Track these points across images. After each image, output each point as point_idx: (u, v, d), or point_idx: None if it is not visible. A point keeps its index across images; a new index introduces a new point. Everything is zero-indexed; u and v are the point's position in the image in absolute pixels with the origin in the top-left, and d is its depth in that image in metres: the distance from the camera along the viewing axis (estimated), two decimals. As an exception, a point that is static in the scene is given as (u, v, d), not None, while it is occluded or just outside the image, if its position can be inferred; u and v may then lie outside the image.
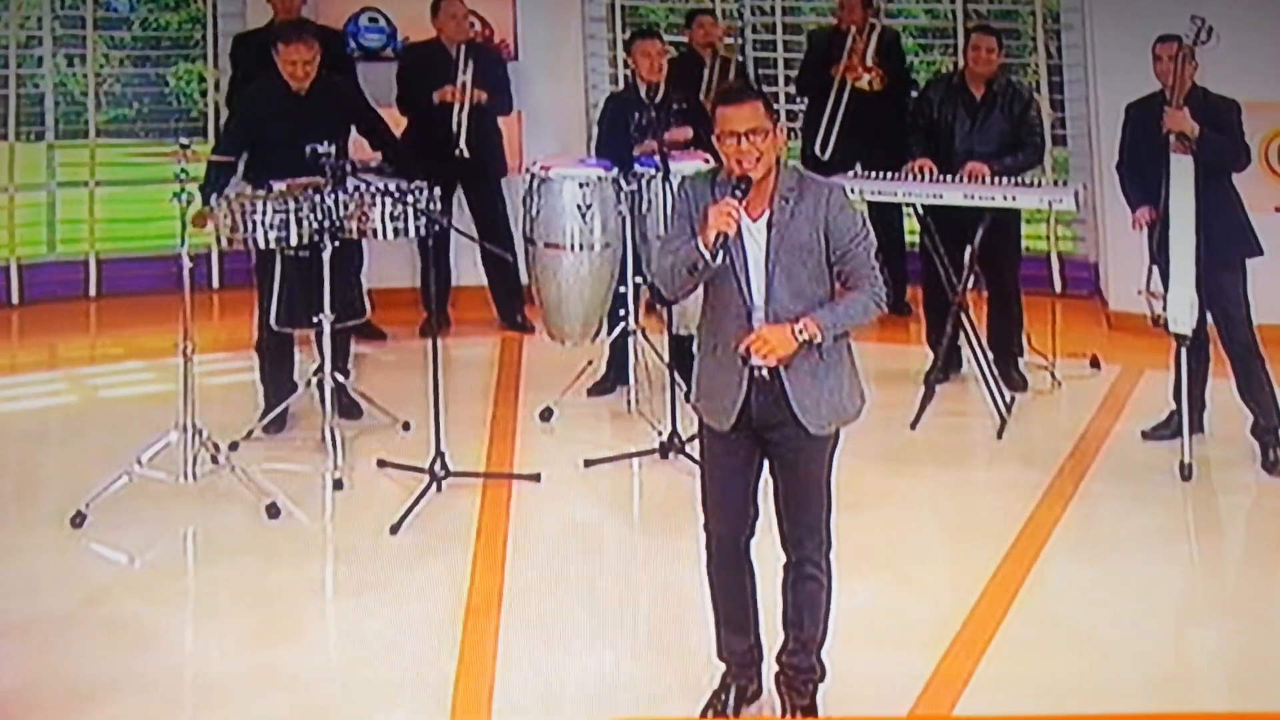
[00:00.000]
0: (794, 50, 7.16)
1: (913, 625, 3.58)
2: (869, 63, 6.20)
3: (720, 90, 3.16)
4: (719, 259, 2.86)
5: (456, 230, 4.72)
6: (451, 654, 3.43)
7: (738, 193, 2.86)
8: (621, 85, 6.44)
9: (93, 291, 6.97)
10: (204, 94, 7.10)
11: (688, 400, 3.24)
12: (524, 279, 5.91)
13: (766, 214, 2.94)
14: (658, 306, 4.91)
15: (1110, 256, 6.51)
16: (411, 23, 6.28)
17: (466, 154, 5.89)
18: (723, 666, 3.18)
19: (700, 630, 3.28)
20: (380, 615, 3.68)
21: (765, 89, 5.78)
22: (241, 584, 3.88)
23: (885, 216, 6.59)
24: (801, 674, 3.10)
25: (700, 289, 2.99)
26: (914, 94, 6.05)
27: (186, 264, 4.27)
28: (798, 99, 6.63)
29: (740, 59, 6.51)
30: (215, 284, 7.04)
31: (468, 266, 6.36)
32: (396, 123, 5.73)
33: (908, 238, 6.66)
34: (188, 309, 4.29)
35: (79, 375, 6.01)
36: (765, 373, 2.93)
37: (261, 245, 4.50)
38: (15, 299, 6.79)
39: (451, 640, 3.50)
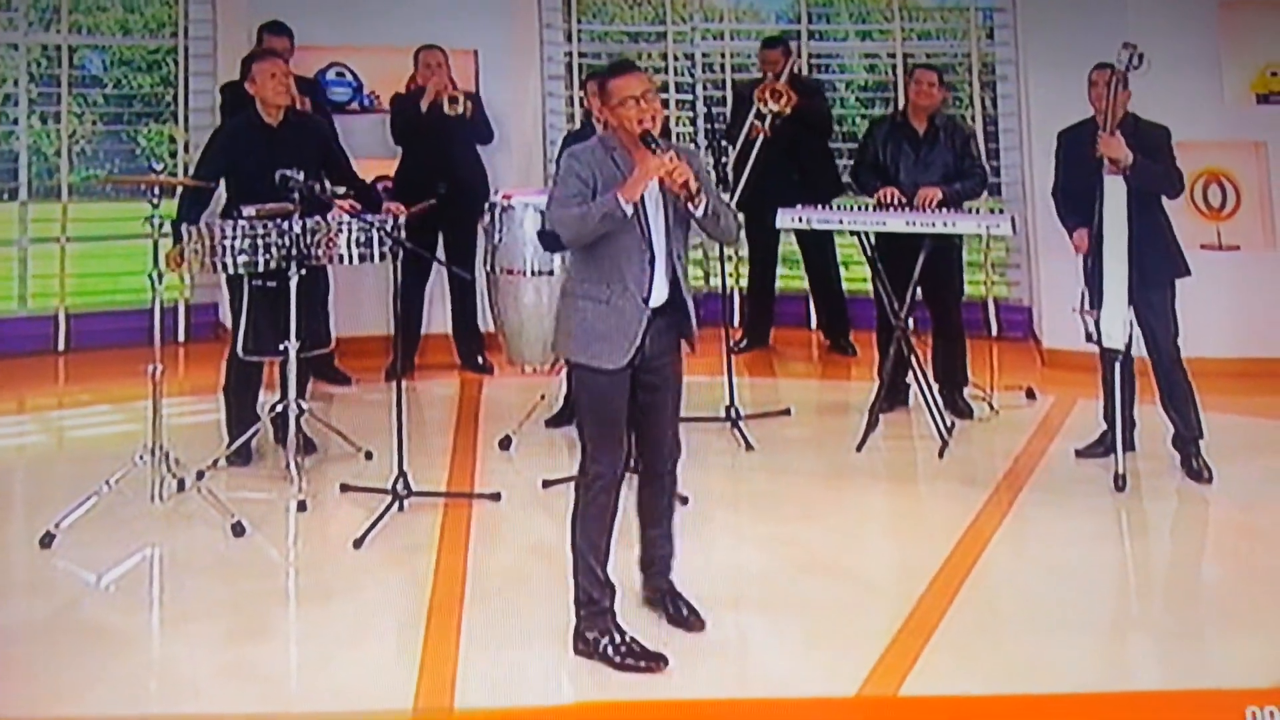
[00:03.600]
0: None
1: (862, 616, 3.67)
2: (779, 90, 6.48)
3: (608, 67, 3.51)
4: (630, 210, 3.24)
5: (417, 252, 4.81)
6: (415, 650, 3.47)
7: (657, 145, 3.23)
8: (578, 125, 6.68)
9: (61, 345, 7.00)
10: (173, 155, 7.22)
11: None
12: (484, 319, 6.11)
13: None
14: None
15: (1045, 299, 6.74)
16: (377, 77, 6.50)
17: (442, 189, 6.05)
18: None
19: (650, 625, 3.46)
20: (344, 618, 3.71)
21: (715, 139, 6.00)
22: (207, 593, 3.90)
23: (820, 260, 6.88)
24: (667, 561, 3.60)
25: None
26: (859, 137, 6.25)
27: (159, 284, 4.34)
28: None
29: (692, 114, 6.77)
30: (181, 337, 7.10)
31: (432, 315, 6.51)
32: (364, 172, 5.90)
33: (846, 285, 6.94)
34: (157, 329, 4.36)
35: (47, 418, 6.03)
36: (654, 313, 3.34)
37: (230, 271, 4.58)
38: (-15, 354, 6.81)
39: (415, 638, 3.54)
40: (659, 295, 3.35)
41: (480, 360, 6.43)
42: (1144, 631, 3.70)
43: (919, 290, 5.38)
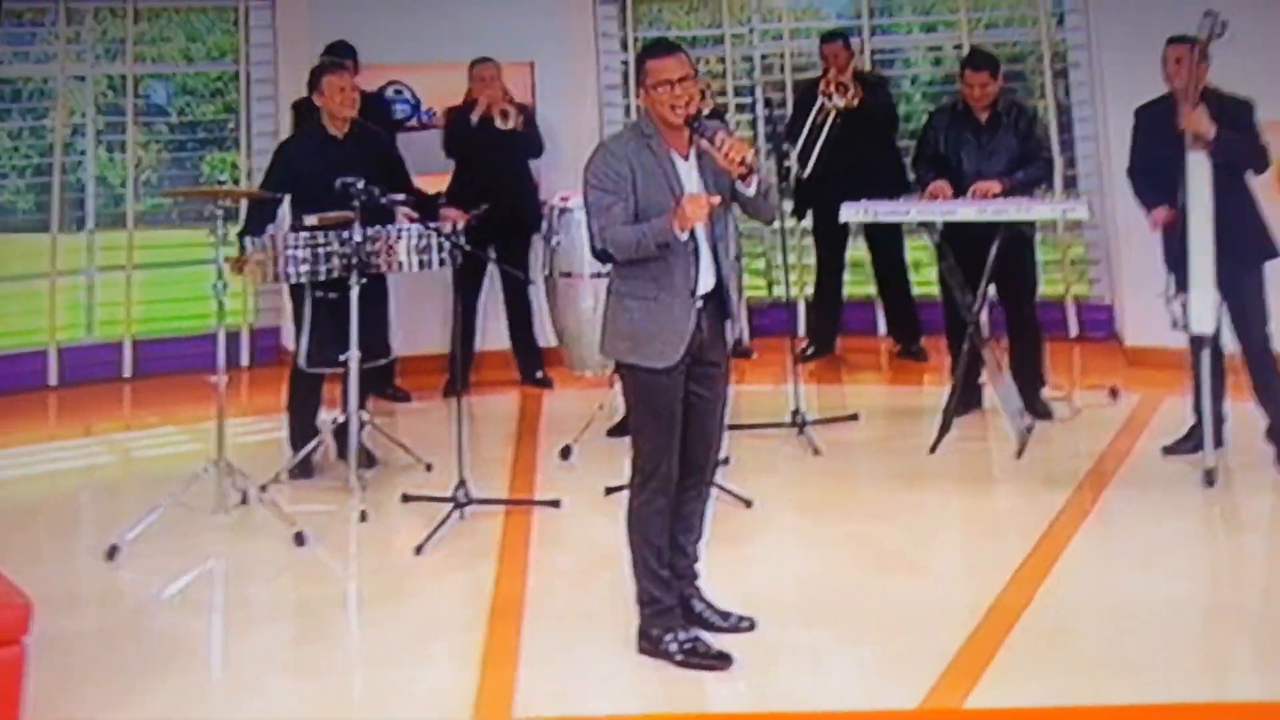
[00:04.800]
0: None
1: (936, 615, 3.64)
2: (845, 83, 6.47)
3: (647, 46, 3.49)
4: (685, 236, 3.24)
5: (476, 254, 4.93)
6: (475, 652, 3.53)
7: (703, 128, 3.25)
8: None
9: (128, 372, 7.24)
10: (236, 181, 7.47)
11: None
12: (542, 333, 6.22)
13: (693, 152, 3.34)
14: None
15: (1127, 295, 6.62)
16: (434, 94, 6.67)
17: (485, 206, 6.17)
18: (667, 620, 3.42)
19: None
20: (406, 619, 3.80)
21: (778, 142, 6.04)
22: (271, 598, 4.04)
23: (890, 261, 6.84)
24: (696, 570, 3.56)
25: None
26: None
27: (223, 293, 4.50)
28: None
29: (752, 116, 6.80)
30: (246, 361, 7.32)
31: (489, 331, 6.63)
32: (424, 188, 6.06)
33: (916, 289, 6.89)
34: (221, 339, 4.51)
35: (114, 440, 6.25)
36: (702, 302, 3.35)
37: (293, 280, 4.75)
38: (54, 381, 7.05)
39: (475, 640, 3.61)
40: (705, 284, 3.35)
41: (539, 375, 6.54)
42: (1241, 637, 3.57)
43: (992, 287, 5.31)
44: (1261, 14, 5.85)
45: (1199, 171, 4.56)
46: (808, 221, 7.08)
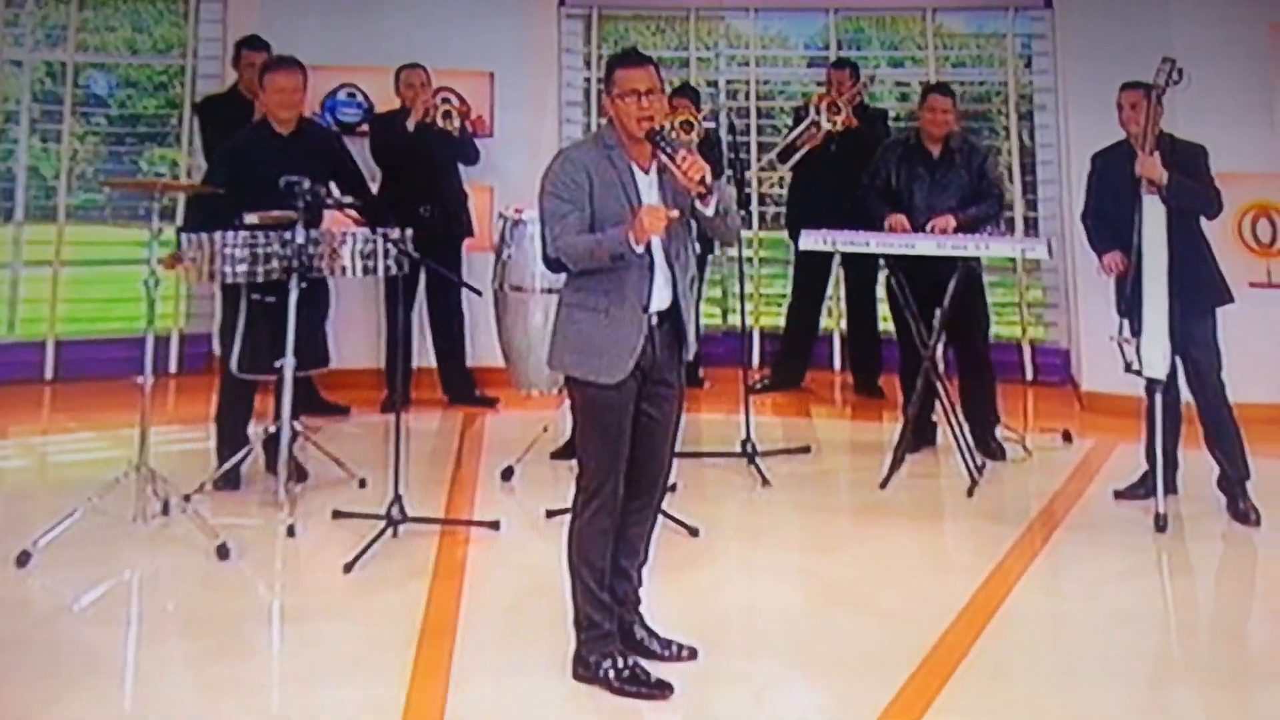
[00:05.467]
0: (766, 134, 7.57)
1: (881, 650, 3.61)
2: (838, 105, 6.55)
3: (618, 54, 3.46)
4: (641, 249, 3.23)
5: (428, 265, 4.87)
6: (404, 673, 3.45)
7: (665, 143, 3.25)
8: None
9: (49, 374, 7.05)
10: (176, 178, 7.35)
11: None
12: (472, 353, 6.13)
13: (654, 166, 3.34)
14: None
15: (1084, 340, 6.70)
16: (388, 97, 6.61)
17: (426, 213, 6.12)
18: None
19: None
20: (332, 638, 3.70)
21: (739, 168, 6.06)
22: (191, 612, 3.92)
23: (863, 297, 6.88)
24: (638, 596, 3.50)
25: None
26: None
27: (155, 290, 4.37)
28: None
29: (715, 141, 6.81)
30: (174, 368, 7.17)
31: (428, 348, 6.55)
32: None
33: (881, 325, 6.92)
34: (149, 340, 4.40)
35: (31, 444, 6.08)
36: (656, 319, 3.32)
37: (229, 280, 4.64)
38: (-28, 380, 6.86)
39: (404, 661, 3.52)
40: (659, 301, 3.32)
41: (475, 394, 6.47)
42: (1186, 679, 3.59)
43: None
44: (1222, 66, 6.02)
45: (1154, 216, 4.66)
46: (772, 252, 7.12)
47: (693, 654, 3.51)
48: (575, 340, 3.31)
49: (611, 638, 3.38)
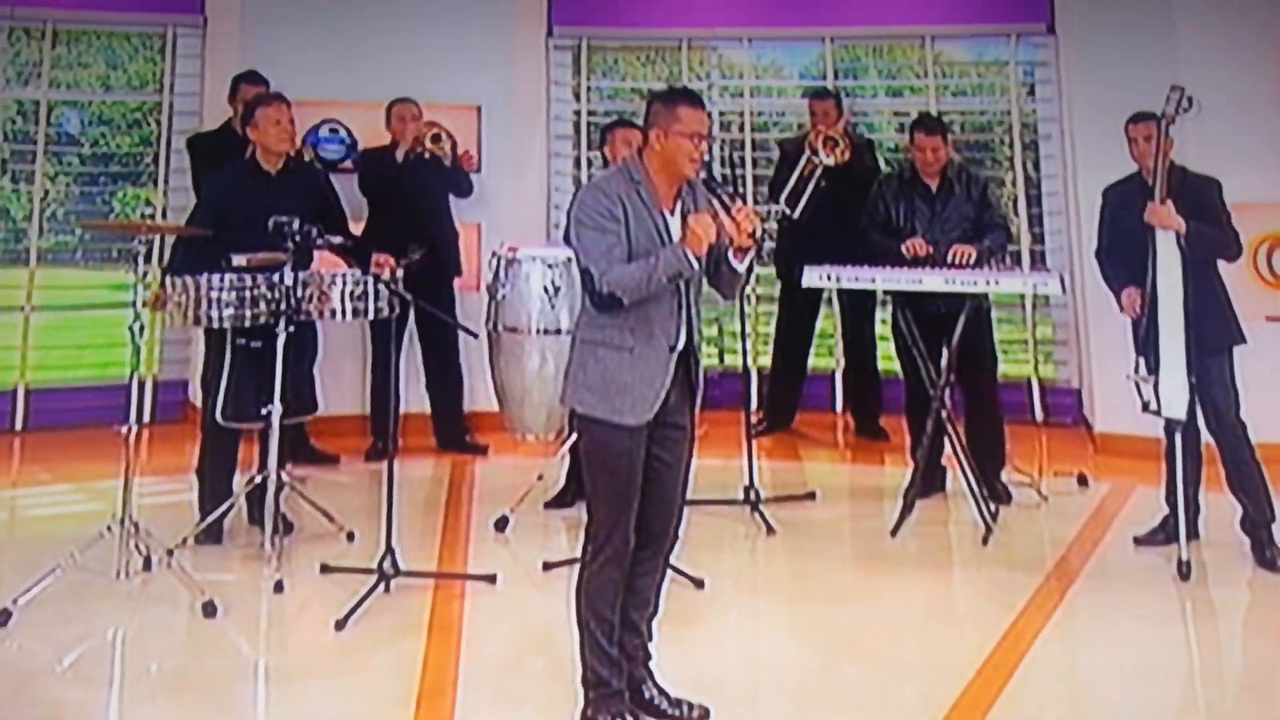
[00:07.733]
0: (761, 166, 7.65)
1: (895, 708, 3.64)
2: (834, 138, 6.59)
3: (680, 91, 3.49)
4: (698, 265, 3.26)
5: (421, 305, 4.90)
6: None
7: (720, 189, 3.33)
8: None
9: (19, 424, 7.05)
10: (151, 218, 7.38)
11: None
12: (470, 397, 6.14)
13: (679, 208, 3.40)
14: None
15: (1096, 379, 6.76)
16: (372, 134, 6.67)
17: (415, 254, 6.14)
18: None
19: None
20: (326, 699, 3.70)
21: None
22: (175, 672, 3.92)
23: (861, 335, 6.93)
24: (647, 650, 3.51)
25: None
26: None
27: (140, 336, 4.40)
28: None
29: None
30: (148, 417, 7.15)
31: (415, 392, 6.58)
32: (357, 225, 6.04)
33: (881, 363, 6.97)
34: (134, 386, 4.42)
35: (3, 498, 6.06)
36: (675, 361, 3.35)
37: (215, 324, 4.66)
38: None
39: (404, 721, 3.54)
40: (682, 340, 3.36)
41: (467, 440, 6.50)
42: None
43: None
44: (1231, 92, 6.11)
45: (1169, 253, 4.72)
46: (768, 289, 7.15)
47: (705, 714, 3.52)
48: (597, 378, 3.31)
49: (621, 697, 3.40)
